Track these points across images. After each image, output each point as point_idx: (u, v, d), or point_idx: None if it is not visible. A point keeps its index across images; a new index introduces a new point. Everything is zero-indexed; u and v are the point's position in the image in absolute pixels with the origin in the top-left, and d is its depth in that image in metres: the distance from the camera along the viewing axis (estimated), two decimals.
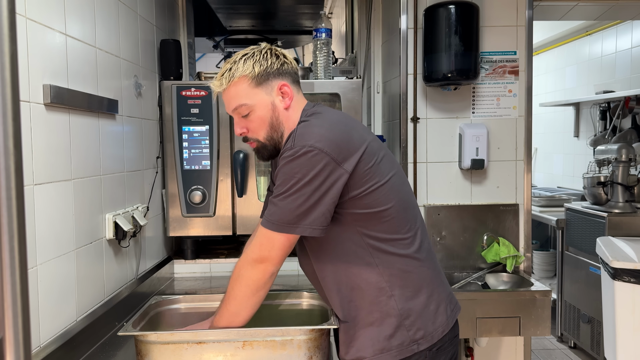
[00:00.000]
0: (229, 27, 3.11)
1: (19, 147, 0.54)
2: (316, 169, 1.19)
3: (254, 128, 1.33)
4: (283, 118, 1.33)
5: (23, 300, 0.54)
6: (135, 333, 1.29)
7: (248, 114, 1.31)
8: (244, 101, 1.30)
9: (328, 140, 1.22)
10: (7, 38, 0.52)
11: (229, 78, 1.30)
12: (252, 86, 1.30)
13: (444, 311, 1.34)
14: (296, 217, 1.21)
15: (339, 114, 1.36)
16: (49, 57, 1.30)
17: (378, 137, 2.43)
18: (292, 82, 1.35)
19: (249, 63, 1.30)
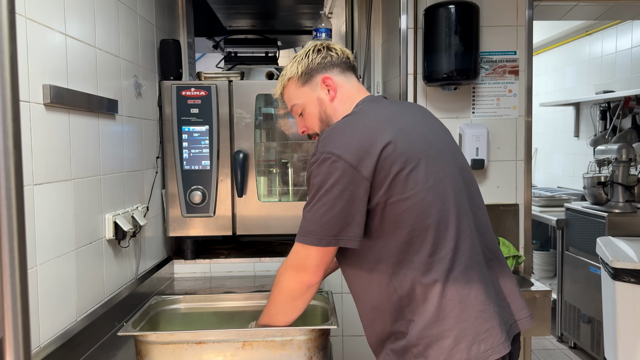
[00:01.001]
0: (229, 27, 3.10)
1: (18, 147, 0.54)
2: (335, 177, 1.16)
3: (310, 124, 1.40)
4: (330, 111, 1.37)
5: (23, 300, 0.54)
6: (135, 333, 1.29)
7: (302, 113, 1.40)
8: (295, 101, 1.39)
9: (346, 146, 1.18)
10: (6, 38, 0.52)
11: (281, 83, 1.41)
12: (299, 86, 1.37)
13: (465, 349, 1.16)
14: (322, 227, 1.17)
15: (379, 112, 1.30)
16: (48, 57, 1.30)
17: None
18: (340, 72, 1.37)
19: (294, 65, 1.37)
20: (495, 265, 1.32)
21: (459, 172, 1.29)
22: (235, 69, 2.61)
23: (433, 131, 1.33)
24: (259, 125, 2.27)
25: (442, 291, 1.17)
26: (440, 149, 1.29)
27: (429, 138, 1.28)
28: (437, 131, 1.35)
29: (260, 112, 2.29)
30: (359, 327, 1.76)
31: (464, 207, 1.26)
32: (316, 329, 1.31)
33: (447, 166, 1.27)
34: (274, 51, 2.92)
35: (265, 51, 2.90)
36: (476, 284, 1.20)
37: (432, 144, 1.27)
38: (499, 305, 1.26)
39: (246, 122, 2.20)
